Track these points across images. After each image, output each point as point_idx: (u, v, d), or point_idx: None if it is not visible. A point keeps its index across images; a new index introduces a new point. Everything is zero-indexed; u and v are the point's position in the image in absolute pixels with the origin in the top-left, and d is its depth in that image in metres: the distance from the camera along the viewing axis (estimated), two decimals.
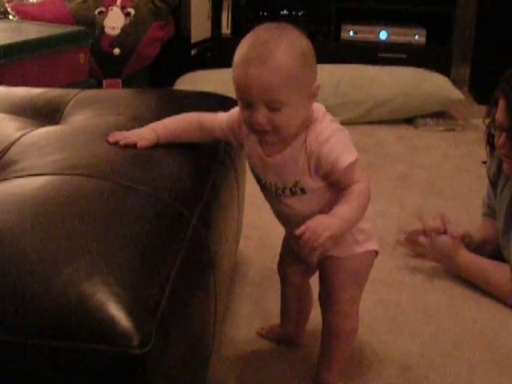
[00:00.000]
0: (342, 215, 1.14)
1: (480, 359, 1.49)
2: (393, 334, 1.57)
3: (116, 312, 0.81)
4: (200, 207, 1.13)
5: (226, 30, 3.74)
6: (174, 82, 3.28)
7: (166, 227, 1.02)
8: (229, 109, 1.29)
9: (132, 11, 3.15)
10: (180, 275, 0.94)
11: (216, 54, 3.72)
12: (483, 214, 1.92)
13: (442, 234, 1.80)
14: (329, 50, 3.45)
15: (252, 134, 1.20)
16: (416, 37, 3.60)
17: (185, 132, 1.29)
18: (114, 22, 3.13)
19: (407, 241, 1.88)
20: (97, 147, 1.22)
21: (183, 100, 1.62)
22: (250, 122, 1.13)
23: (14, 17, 3.10)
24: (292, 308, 1.48)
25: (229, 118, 1.26)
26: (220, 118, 1.28)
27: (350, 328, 1.33)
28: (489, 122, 1.70)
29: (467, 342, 1.54)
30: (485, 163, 1.91)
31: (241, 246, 1.76)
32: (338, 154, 1.14)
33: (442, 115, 3.19)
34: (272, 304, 1.61)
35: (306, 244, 1.10)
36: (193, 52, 3.69)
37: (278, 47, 1.08)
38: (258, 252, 1.92)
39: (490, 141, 1.75)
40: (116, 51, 3.11)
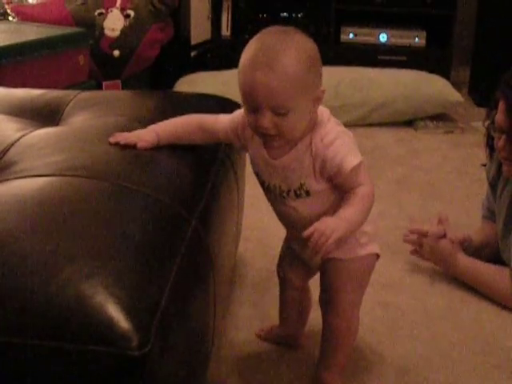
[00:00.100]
0: (347, 217, 1.14)
1: (479, 361, 1.49)
2: (392, 336, 1.57)
3: (115, 313, 0.81)
4: (200, 208, 1.13)
5: (225, 31, 3.74)
6: (174, 83, 3.29)
7: (166, 228, 1.02)
8: (229, 110, 1.29)
9: (132, 13, 3.15)
10: (179, 276, 0.93)
11: (216, 55, 3.72)
12: (483, 217, 1.92)
13: (441, 237, 1.80)
14: (328, 52, 3.44)
15: (256, 137, 1.19)
16: (416, 39, 3.60)
17: (186, 134, 1.29)
18: (114, 23, 3.13)
19: (408, 240, 1.88)
20: (96, 148, 1.22)
21: (183, 102, 1.62)
22: (255, 126, 1.13)
23: (13, 18, 3.10)
24: (291, 309, 1.48)
25: (233, 121, 1.26)
26: (222, 120, 1.28)
27: (350, 330, 1.33)
28: (488, 124, 1.70)
29: (466, 344, 1.54)
30: (484, 166, 1.90)
31: (240, 247, 1.76)
32: (342, 156, 1.14)
33: (441, 118, 3.19)
34: (271, 305, 1.61)
35: (314, 245, 1.10)
36: (192, 54, 3.69)
37: (284, 52, 1.08)
38: (258, 253, 1.92)
39: (490, 143, 1.75)
40: (116, 53, 3.11)
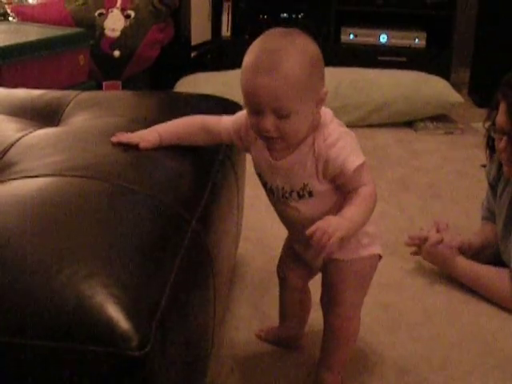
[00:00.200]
0: (350, 217, 1.13)
1: (479, 362, 1.49)
2: (392, 336, 1.57)
3: (115, 313, 0.81)
4: (200, 209, 1.13)
5: (226, 32, 3.74)
6: (174, 84, 3.29)
7: (166, 229, 1.02)
8: (229, 111, 1.29)
9: (132, 13, 3.15)
10: (179, 277, 0.93)
11: (216, 56, 3.72)
12: (482, 218, 1.92)
13: (439, 243, 1.79)
14: (328, 52, 3.44)
15: (259, 139, 1.19)
16: (416, 40, 3.60)
17: (188, 135, 1.29)
18: (114, 24, 3.13)
19: (409, 244, 1.88)
20: (96, 149, 1.22)
21: (183, 102, 1.62)
22: (257, 129, 1.13)
23: (13, 18, 3.10)
24: (291, 310, 1.48)
25: (235, 122, 1.26)
26: (225, 121, 1.28)
27: (351, 330, 1.33)
28: (489, 125, 1.69)
29: (466, 345, 1.54)
30: (484, 167, 1.90)
31: (240, 247, 1.76)
32: (345, 157, 1.14)
33: (441, 119, 3.19)
34: (271, 306, 1.61)
35: (316, 244, 1.09)
36: (193, 54, 3.69)
37: (287, 55, 1.07)
38: (257, 254, 1.92)
39: (490, 144, 1.75)
40: (116, 53, 3.11)
